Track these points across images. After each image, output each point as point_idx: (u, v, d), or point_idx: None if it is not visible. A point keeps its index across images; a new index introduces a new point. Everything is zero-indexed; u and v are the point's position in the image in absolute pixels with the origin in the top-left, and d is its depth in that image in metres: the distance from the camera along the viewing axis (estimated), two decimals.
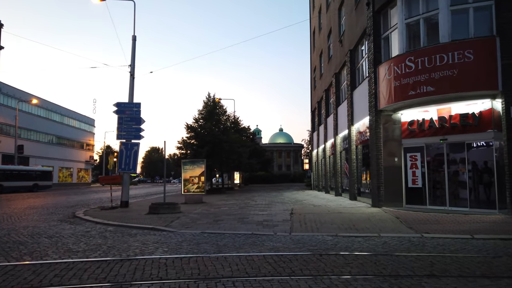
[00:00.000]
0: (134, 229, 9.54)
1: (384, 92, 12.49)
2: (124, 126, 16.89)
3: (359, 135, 16.09)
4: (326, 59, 24.29)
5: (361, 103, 15.48)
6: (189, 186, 18.12)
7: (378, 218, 10.42)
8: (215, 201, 18.53)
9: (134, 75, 17.31)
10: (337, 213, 11.58)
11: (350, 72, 16.99)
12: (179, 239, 7.81)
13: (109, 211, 14.31)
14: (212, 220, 10.71)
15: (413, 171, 12.50)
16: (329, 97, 24.21)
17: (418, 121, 12.38)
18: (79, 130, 64.46)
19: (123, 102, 17.05)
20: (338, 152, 20.52)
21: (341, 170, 20.28)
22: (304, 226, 9.53)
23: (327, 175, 24.48)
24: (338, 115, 20.44)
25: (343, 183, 19.95)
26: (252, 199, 19.66)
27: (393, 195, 12.72)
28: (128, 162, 16.66)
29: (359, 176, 16.45)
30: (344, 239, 7.89)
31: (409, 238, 7.94)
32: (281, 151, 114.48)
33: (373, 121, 13.20)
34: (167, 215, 12.09)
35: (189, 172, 18.23)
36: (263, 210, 12.98)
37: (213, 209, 13.99)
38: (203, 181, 18.09)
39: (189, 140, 29.79)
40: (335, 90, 20.72)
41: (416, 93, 11.24)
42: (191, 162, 18.60)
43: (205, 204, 16.58)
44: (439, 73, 10.84)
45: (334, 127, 21.01)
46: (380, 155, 12.91)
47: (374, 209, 12.50)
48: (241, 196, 22.67)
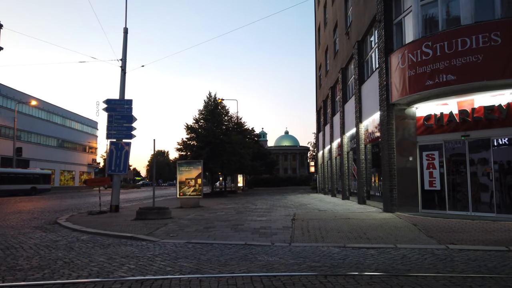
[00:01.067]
0: (111, 238, 8.31)
1: (397, 84, 11.17)
2: (115, 125, 15.73)
3: (368, 133, 14.74)
4: (332, 54, 22.99)
5: (370, 98, 14.16)
6: (185, 189, 16.89)
7: (392, 225, 9.08)
8: (213, 205, 17.27)
9: (126, 70, 16.16)
10: (344, 219, 10.25)
11: (358, 65, 15.68)
12: (156, 252, 6.55)
13: (96, 216, 13.14)
14: (202, 227, 9.44)
15: (430, 172, 11.13)
16: (335, 94, 22.89)
17: (436, 116, 11.03)
18: (82, 133, 63.69)
19: (113, 99, 15.91)
20: (345, 152, 19.17)
21: (349, 172, 18.92)
22: (307, 234, 8.23)
23: (333, 177, 23.12)
24: (345, 113, 19.11)
25: (351, 186, 18.58)
26: (253, 202, 18.37)
27: (408, 198, 11.36)
28: (118, 163, 15.48)
29: (368, 178, 15.10)
30: (354, 251, 6.57)
31: (432, 250, 6.60)
32: (287, 154, 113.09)
33: (384, 116, 11.87)
34: (155, 221, 10.86)
35: (185, 174, 17.01)
36: (262, 216, 11.69)
37: (208, 214, 12.72)
38: (200, 184, 16.87)
39: (189, 141, 28.61)
40: (342, 86, 19.40)
41: (434, 83, 9.90)
42: (187, 163, 17.38)
43: (201, 209, 15.33)
44: (461, 60, 9.49)
45: (340, 126, 19.67)
46: (392, 154, 11.57)
47: (387, 214, 11.14)
48: (242, 200, 21.39)
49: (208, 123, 28.44)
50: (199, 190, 16.80)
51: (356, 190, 16.73)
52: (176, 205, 17.20)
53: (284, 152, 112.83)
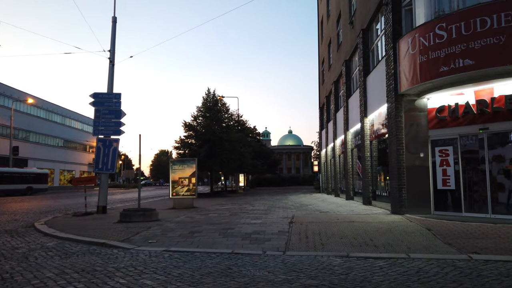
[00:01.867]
0: (80, 245, 7.28)
1: (407, 72, 10.05)
2: (102, 120, 14.73)
3: (374, 129, 13.63)
4: (335, 47, 21.86)
5: (376, 90, 13.05)
6: (178, 189, 15.87)
7: (402, 230, 7.98)
8: (208, 206, 16.22)
9: (114, 62, 15.15)
10: (348, 222, 9.15)
11: (363, 55, 14.56)
12: (122, 264, 5.51)
13: (79, 218, 12.15)
14: (188, 232, 8.39)
15: (443, 170, 10.01)
16: (338, 89, 21.77)
17: (450, 107, 9.91)
18: (82, 132, 62.90)
19: (101, 93, 14.90)
20: (349, 149, 18.05)
21: (353, 170, 17.81)
22: (305, 240, 7.16)
23: (336, 177, 22.00)
24: (349, 108, 17.99)
25: (355, 185, 17.47)
26: (251, 203, 17.31)
27: (419, 199, 10.25)
28: (106, 161, 14.48)
29: (374, 177, 13.98)
30: (359, 262, 5.50)
31: (453, 261, 5.52)
32: (290, 153, 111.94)
33: (393, 108, 10.76)
34: (139, 225, 9.83)
35: (178, 173, 15.99)
36: (258, 218, 10.61)
37: (199, 216, 11.68)
38: (194, 183, 15.84)
39: (187, 139, 27.61)
40: (345, 79, 18.29)
41: (449, 69, 8.78)
42: (180, 161, 16.35)
43: (194, 210, 14.29)
44: (480, 42, 8.37)
45: (344, 122, 18.56)
46: (401, 150, 10.45)
47: (395, 216, 10.03)
48: (240, 200, 20.33)
49: (207, 120, 27.44)
50: (193, 190, 15.77)
51: (361, 190, 15.62)
52: (170, 205, 16.19)
53: (288, 151, 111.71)
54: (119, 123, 14.79)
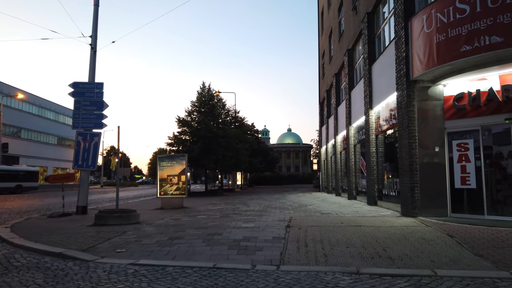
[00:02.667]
0: (32, 255, 6.03)
1: (421, 54, 8.80)
2: (83, 112, 13.48)
3: (381, 121, 12.39)
4: (337, 37, 20.59)
5: (383, 78, 11.81)
6: (166, 188, 14.62)
7: (419, 236, 6.74)
8: (199, 206, 14.99)
9: (96, 48, 13.87)
10: (354, 227, 7.90)
11: (367, 41, 13.30)
12: (66, 286, 4.27)
13: (53, 220, 10.93)
14: (167, 238, 7.14)
15: (462, 166, 8.77)
16: (340, 81, 20.52)
17: (470, 94, 8.66)
18: None
19: (81, 82, 13.64)
20: (352, 145, 16.81)
21: (356, 168, 16.57)
22: (304, 250, 5.92)
23: (338, 175, 20.77)
24: (352, 100, 16.74)
25: (358, 184, 16.24)
26: (246, 203, 16.07)
27: (433, 199, 9.02)
28: (86, 157, 13.24)
29: (380, 175, 12.74)
30: (374, 282, 4.28)
31: (493, 281, 4.32)
32: (290, 151, 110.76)
33: (403, 97, 9.51)
34: (114, 228, 8.59)
35: (167, 170, 14.73)
36: (251, 221, 9.37)
37: (186, 218, 10.43)
38: (183, 181, 14.59)
39: (181, 135, 26.34)
40: (348, 70, 17.03)
41: (473, 48, 7.53)
42: (169, 157, 15.10)
43: (183, 211, 13.05)
44: (510, 16, 7.12)
45: (346, 116, 17.31)
46: (414, 144, 9.21)
47: (407, 219, 8.79)
48: (235, 200, 19.09)
49: (201, 116, 26.18)
50: (183, 188, 14.52)
51: (365, 189, 14.39)
52: (158, 205, 14.96)
53: (287, 149, 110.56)
54: (101, 116, 13.54)
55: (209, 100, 27.00)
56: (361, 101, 14.35)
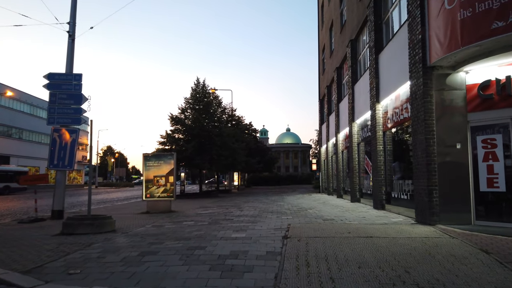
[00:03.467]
0: None
1: (441, 35, 7.54)
2: (59, 106, 12.23)
3: (389, 116, 11.13)
4: (338, 29, 19.33)
5: (393, 67, 10.55)
6: (152, 190, 13.34)
7: (447, 252, 5.47)
8: (189, 210, 13.72)
9: (75, 36, 12.59)
10: (364, 238, 6.63)
11: (374, 28, 12.04)
12: None
13: (22, 227, 9.70)
14: (137, 253, 5.86)
15: (488, 166, 7.52)
16: (341, 76, 19.26)
17: (499, 82, 7.40)
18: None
19: (57, 73, 12.38)
20: (355, 144, 15.55)
21: (359, 168, 15.31)
22: (306, 271, 4.65)
23: (339, 175, 19.50)
24: (355, 95, 15.48)
25: (363, 185, 14.98)
26: (240, 206, 14.80)
27: (454, 204, 7.75)
28: (62, 156, 11.99)
29: (388, 175, 11.48)
30: None
31: None
32: (288, 151, 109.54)
33: (419, 86, 8.25)
34: (82, 238, 7.33)
35: (153, 170, 13.45)
36: (242, 229, 8.09)
37: (169, 225, 9.16)
38: (172, 183, 13.31)
39: (174, 134, 25.06)
40: (351, 62, 15.77)
41: (507, 24, 6.26)
42: (156, 156, 13.79)
43: (169, 215, 11.78)
44: None
45: (349, 112, 16.05)
46: (431, 140, 7.94)
47: (424, 228, 7.52)
48: (230, 202, 17.82)
49: (196, 113, 24.90)
50: (171, 190, 13.24)
51: (371, 191, 13.14)
52: (141, 209, 13.70)
53: (286, 149, 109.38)
54: (79, 110, 12.28)
55: (203, 97, 25.71)
56: (366, 95, 13.09)
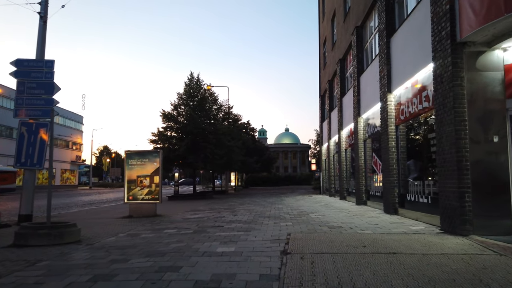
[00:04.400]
0: None
1: (476, 2, 6.13)
2: (28, 96, 10.76)
3: (403, 107, 9.73)
4: (341, 18, 17.94)
5: (408, 51, 9.15)
6: (135, 191, 11.91)
7: (504, 277, 4.04)
8: (176, 213, 12.30)
9: (47, 18, 11.16)
10: (385, 254, 5.20)
11: (385, 9, 10.63)
12: None
13: None
14: (87, 278, 4.40)
15: None
16: (345, 68, 17.87)
17: None
18: (64, 127, 58.55)
19: (26, 59, 10.90)
20: (361, 140, 14.14)
21: (366, 167, 13.91)
22: None
23: (342, 175, 18.09)
24: (361, 87, 14.08)
25: (370, 186, 13.57)
26: (234, 209, 13.38)
27: (492, 210, 6.34)
28: (31, 153, 10.56)
29: (402, 175, 10.07)
30: None
31: None
32: (287, 151, 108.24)
33: (446, 67, 6.84)
34: (33, 252, 5.91)
35: (137, 170, 12.03)
36: (231, 241, 6.66)
37: (147, 234, 7.73)
38: (157, 183, 11.89)
39: (166, 131, 23.63)
40: (356, 51, 14.37)
41: None
42: (139, 154, 12.35)
43: (152, 220, 10.35)
44: None
45: (354, 106, 14.65)
46: (463, 132, 6.53)
47: (456, 239, 6.10)
48: (224, 204, 16.40)
49: (189, 110, 23.47)
50: (156, 192, 11.81)
51: (380, 193, 11.74)
52: (123, 213, 12.28)
53: (284, 150, 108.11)
54: (51, 101, 10.82)
55: (198, 93, 24.28)
56: (375, 85, 11.69)
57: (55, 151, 55.63)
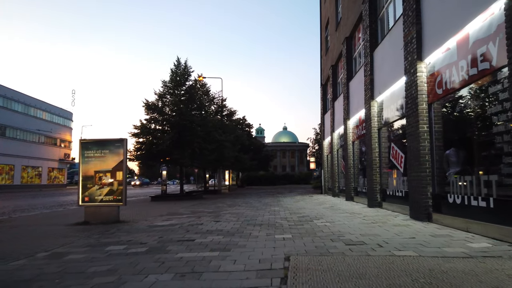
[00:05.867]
0: None
1: None
2: None
3: (442, 77, 7.24)
4: None
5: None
6: (93, 191, 9.38)
7: None
8: (147, 218, 9.79)
9: None
10: None
11: None
12: None
13: None
14: None
15: None
16: (352, 47, 15.40)
17: None
18: (51, 124, 55.88)
19: None
20: (375, 129, 11.66)
21: (381, 162, 11.43)
22: None
23: (349, 173, 15.60)
24: (376, 64, 11.60)
25: (387, 185, 11.09)
26: (220, 213, 10.88)
27: None
28: None
29: (437, 169, 7.57)
30: None
31: None
32: (285, 150, 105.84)
33: None
34: None
35: (95, 163, 9.50)
36: (195, 270, 4.16)
37: (76, 255, 5.21)
38: (120, 181, 9.37)
39: (149, 123, 21.07)
40: (368, 22, 11.89)
41: None
42: (98, 144, 9.78)
43: (106, 230, 7.82)
44: None
45: (366, 88, 12.18)
46: None
47: None
48: (210, 206, 13.89)
49: (175, 99, 20.93)
50: (119, 192, 9.29)
51: (402, 192, 9.27)
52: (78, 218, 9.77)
53: (282, 148, 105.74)
54: None
55: (185, 81, 21.72)
56: (396, 57, 9.22)
57: (41, 149, 53.05)
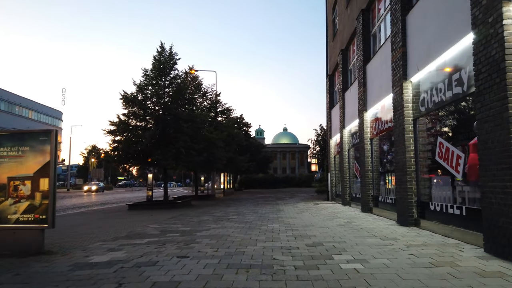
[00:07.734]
0: None
1: None
2: None
3: None
4: None
5: None
6: (5, 206, 6.36)
7: None
8: (87, 245, 6.75)
9: None
10: None
11: None
12: None
13: None
14: None
15: None
16: (370, 22, 12.43)
17: None
18: (38, 123, 52.89)
19: None
20: (408, 120, 8.63)
21: (417, 164, 8.41)
22: None
23: (366, 177, 12.55)
24: (409, 32, 8.60)
25: (425, 196, 8.07)
26: (197, 235, 7.86)
27: None
28: None
29: None
30: None
31: None
32: (286, 152, 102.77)
33: None
34: None
35: (9, 166, 6.49)
36: None
37: None
38: (45, 191, 6.35)
39: (128, 119, 18.06)
40: None
41: None
42: (14, 138, 6.75)
43: (5, 273, 4.78)
44: None
45: (395, 66, 9.18)
46: None
47: None
48: (191, 221, 10.87)
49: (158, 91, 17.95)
50: (44, 208, 6.27)
51: (461, 208, 6.27)
52: None
53: (282, 150, 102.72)
54: None
55: (170, 69, 18.73)
56: (448, 12, 6.22)
57: None
